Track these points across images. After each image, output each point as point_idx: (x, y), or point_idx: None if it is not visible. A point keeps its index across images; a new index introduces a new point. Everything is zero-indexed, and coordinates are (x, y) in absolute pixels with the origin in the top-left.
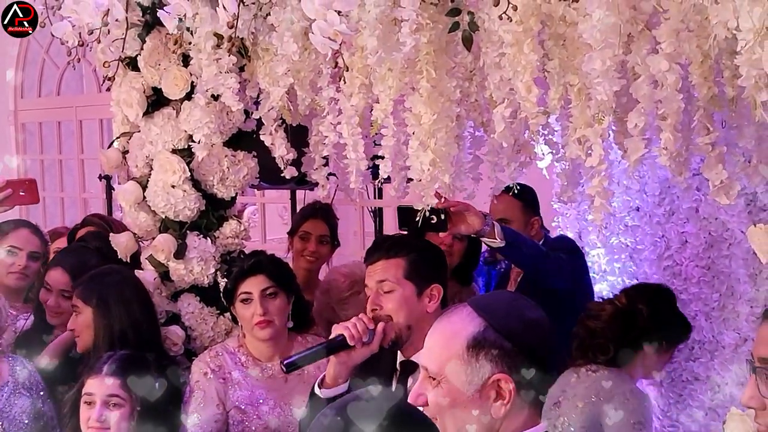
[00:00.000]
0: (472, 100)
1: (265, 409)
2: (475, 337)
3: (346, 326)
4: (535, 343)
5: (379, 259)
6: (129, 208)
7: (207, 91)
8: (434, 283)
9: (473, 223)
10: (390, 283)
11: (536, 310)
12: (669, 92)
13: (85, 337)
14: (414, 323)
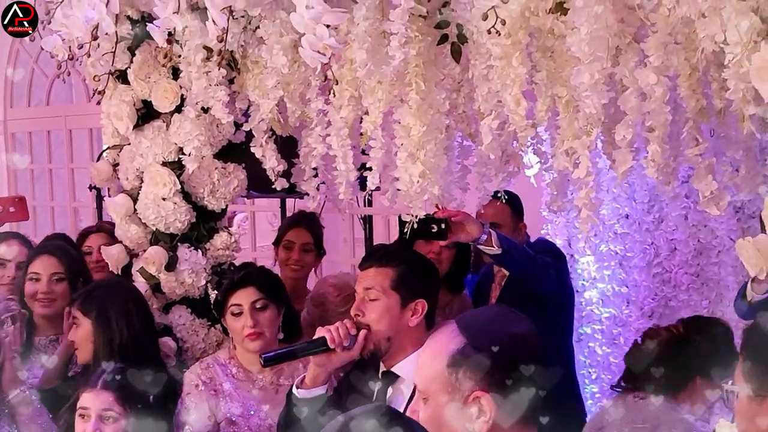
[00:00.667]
0: (460, 111)
1: (256, 421)
2: (453, 355)
3: (328, 329)
4: (518, 359)
5: (370, 267)
6: (120, 221)
7: (197, 104)
8: (420, 297)
9: (472, 232)
10: (376, 291)
11: (521, 324)
12: (657, 105)
13: (85, 350)
14: (394, 335)
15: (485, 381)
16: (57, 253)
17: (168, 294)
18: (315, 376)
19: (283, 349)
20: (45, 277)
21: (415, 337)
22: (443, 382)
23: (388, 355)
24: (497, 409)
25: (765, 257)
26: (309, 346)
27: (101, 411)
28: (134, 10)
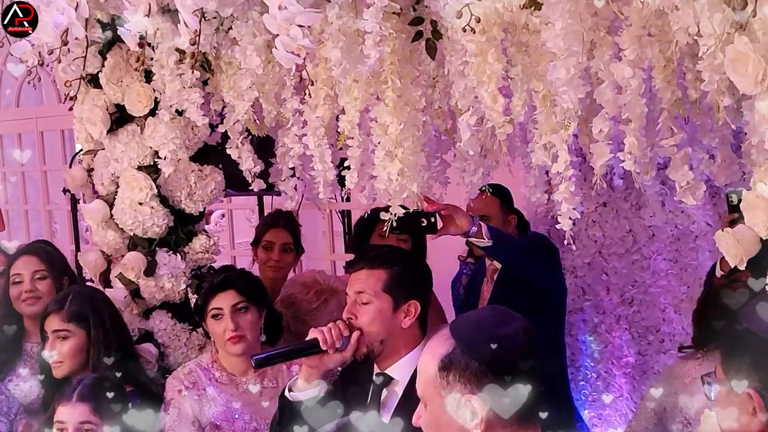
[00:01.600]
0: (437, 107)
1: (241, 425)
2: (442, 360)
3: (321, 330)
4: (506, 359)
5: (362, 268)
6: (96, 227)
7: (171, 107)
8: (413, 299)
9: (462, 225)
10: (367, 294)
11: (511, 324)
12: (632, 97)
13: (71, 364)
14: (387, 337)
15: (474, 383)
16: (37, 252)
17: (148, 299)
18: (307, 377)
19: (275, 351)
20: (27, 276)
21: (409, 338)
22: (437, 386)
23: (382, 357)
24: (489, 410)
25: (744, 247)
26: (301, 348)
27: (78, 423)
28: (104, 14)
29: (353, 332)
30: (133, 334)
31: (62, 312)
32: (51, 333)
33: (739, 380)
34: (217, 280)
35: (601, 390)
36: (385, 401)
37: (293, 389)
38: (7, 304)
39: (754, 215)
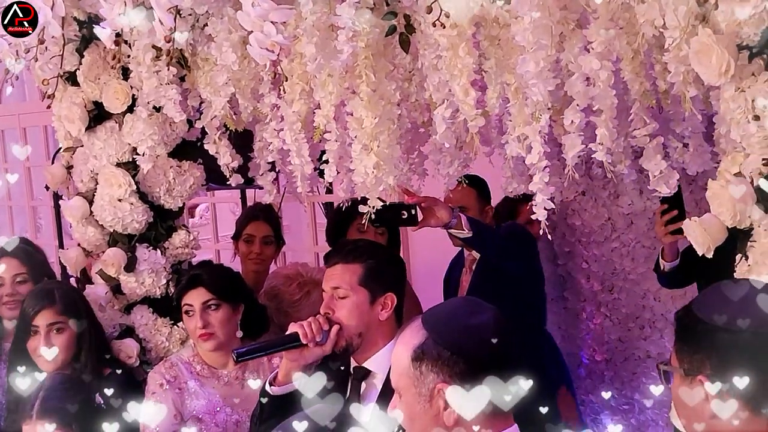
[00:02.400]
0: (413, 100)
1: (223, 417)
2: (415, 350)
3: (301, 324)
4: (477, 348)
5: (337, 263)
6: (77, 224)
7: (148, 104)
8: (389, 291)
9: (442, 216)
10: (344, 289)
11: (482, 315)
12: (602, 89)
13: (65, 355)
14: (365, 330)
15: (446, 373)
16: (19, 255)
17: (129, 295)
18: (287, 371)
19: (255, 345)
20: (8, 279)
21: (386, 330)
22: (410, 377)
23: (360, 350)
24: (462, 400)
25: (711, 235)
26: (281, 342)
27: None
28: (80, 12)
29: (332, 326)
30: (114, 329)
31: (56, 305)
32: (45, 327)
33: (691, 367)
34: (187, 278)
35: (584, 377)
36: (365, 394)
37: (273, 383)
38: None
39: (720, 204)
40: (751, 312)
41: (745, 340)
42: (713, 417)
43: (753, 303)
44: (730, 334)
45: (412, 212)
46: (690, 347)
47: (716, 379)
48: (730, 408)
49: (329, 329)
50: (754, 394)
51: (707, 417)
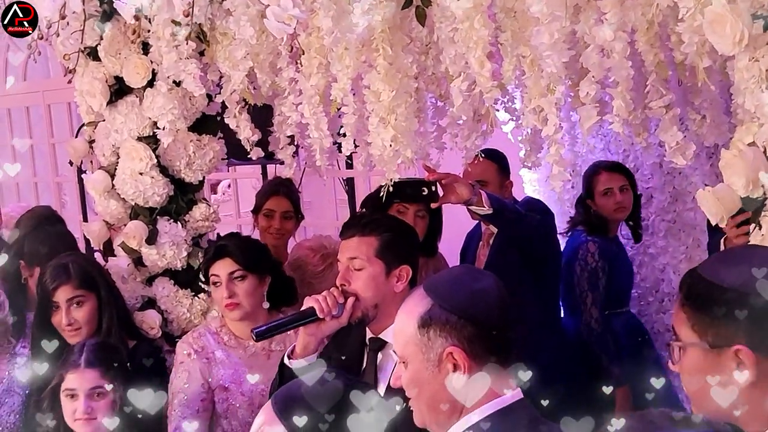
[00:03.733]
0: (430, 74)
1: (248, 386)
2: (422, 317)
3: (316, 299)
4: (483, 312)
5: (353, 236)
6: (99, 197)
7: (168, 78)
8: (404, 263)
9: (462, 193)
10: (360, 260)
11: (484, 280)
12: (617, 60)
13: (88, 328)
14: (381, 302)
15: (455, 337)
16: None
17: (150, 267)
18: (305, 345)
19: (273, 322)
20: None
21: (401, 302)
22: (417, 344)
23: (376, 321)
24: (470, 361)
25: (725, 205)
26: (298, 317)
27: (90, 390)
28: None
29: (348, 299)
30: (136, 301)
31: (72, 280)
32: (65, 302)
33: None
34: (213, 249)
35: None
36: (382, 364)
37: (291, 357)
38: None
39: (732, 173)
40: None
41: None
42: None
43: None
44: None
45: (432, 189)
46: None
47: (756, 347)
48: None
49: (345, 302)
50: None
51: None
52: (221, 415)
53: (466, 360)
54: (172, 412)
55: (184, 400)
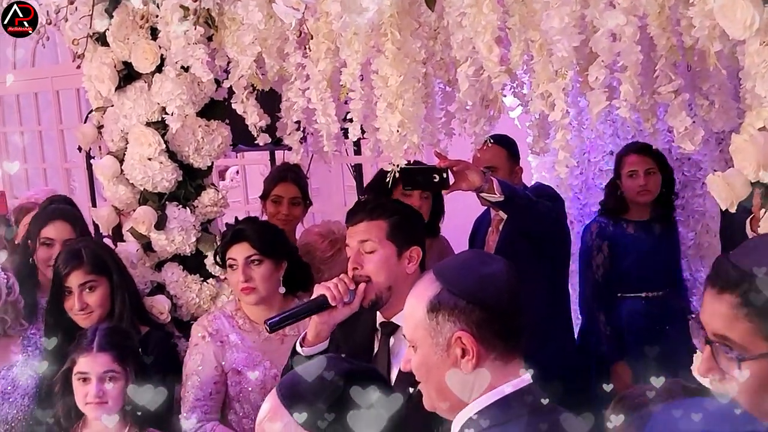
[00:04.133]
0: (438, 59)
1: (261, 370)
2: (431, 301)
3: (327, 286)
4: (492, 296)
5: (361, 221)
6: (108, 182)
7: (177, 63)
8: (414, 245)
9: (474, 180)
10: (372, 243)
11: (494, 264)
12: (627, 45)
13: (100, 312)
14: (394, 284)
15: (464, 321)
16: (70, 219)
17: (159, 252)
18: (317, 333)
19: (286, 313)
20: (58, 242)
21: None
22: (425, 328)
23: (388, 304)
24: (479, 346)
25: (735, 190)
26: (311, 306)
27: (102, 373)
28: None
29: (359, 284)
30: (146, 286)
31: (84, 265)
32: (77, 287)
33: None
34: (231, 232)
35: None
36: (394, 349)
37: (303, 345)
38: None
39: (743, 158)
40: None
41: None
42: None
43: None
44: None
45: (443, 176)
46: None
47: None
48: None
49: (356, 288)
50: None
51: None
52: (234, 398)
53: (474, 345)
54: (185, 394)
55: (198, 383)
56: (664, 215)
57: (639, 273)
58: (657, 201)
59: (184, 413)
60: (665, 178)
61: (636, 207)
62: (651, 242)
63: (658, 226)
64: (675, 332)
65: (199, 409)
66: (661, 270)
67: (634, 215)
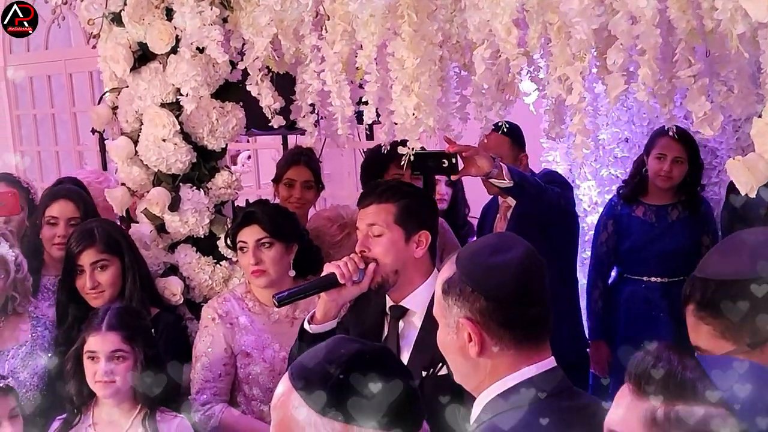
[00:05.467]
0: (454, 42)
1: (270, 353)
2: (445, 282)
3: (337, 264)
4: (495, 286)
5: (371, 203)
6: (122, 164)
7: (192, 44)
8: (423, 229)
9: (483, 166)
10: (379, 227)
11: (509, 253)
12: (647, 27)
13: (112, 291)
14: (401, 267)
15: (467, 308)
16: (74, 198)
17: (172, 234)
18: (326, 311)
19: (295, 288)
20: (62, 221)
21: (422, 269)
22: (441, 308)
23: (396, 288)
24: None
25: (755, 175)
26: (320, 283)
27: (110, 352)
28: None
29: (368, 264)
30: (159, 267)
31: (96, 244)
32: (89, 266)
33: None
34: (242, 215)
35: None
36: (404, 332)
37: (312, 322)
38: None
39: (764, 142)
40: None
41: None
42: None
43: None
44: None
45: (452, 161)
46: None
47: None
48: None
49: (365, 267)
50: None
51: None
52: (243, 380)
53: (478, 334)
54: (195, 376)
55: (207, 364)
56: (685, 204)
57: (638, 256)
58: (680, 189)
59: (194, 394)
60: (694, 170)
61: (655, 190)
62: (658, 228)
63: (675, 213)
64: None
65: (209, 391)
66: (665, 257)
67: (652, 199)
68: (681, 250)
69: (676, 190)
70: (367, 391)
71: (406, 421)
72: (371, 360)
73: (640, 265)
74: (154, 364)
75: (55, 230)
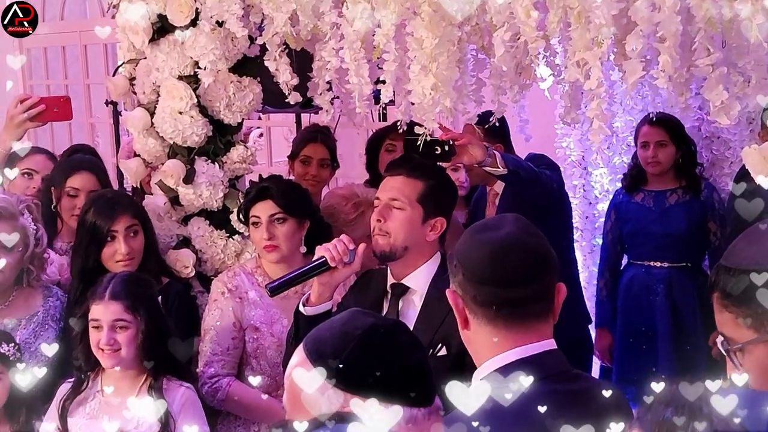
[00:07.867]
0: (473, 24)
1: (279, 328)
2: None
3: (327, 248)
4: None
5: (400, 174)
6: (138, 135)
7: (212, 18)
8: (440, 215)
9: (476, 154)
10: (401, 202)
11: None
12: (667, 14)
13: (139, 258)
14: (411, 246)
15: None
16: (95, 171)
17: (186, 206)
18: (320, 293)
19: (287, 276)
20: (83, 193)
21: (428, 251)
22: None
23: (401, 264)
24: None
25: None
26: (311, 268)
27: (112, 321)
28: None
29: (359, 245)
30: (171, 239)
31: (128, 209)
32: (124, 230)
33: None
34: (256, 190)
35: None
36: (403, 311)
37: (306, 305)
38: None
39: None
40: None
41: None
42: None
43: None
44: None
45: (445, 148)
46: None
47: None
48: None
49: (356, 248)
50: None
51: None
52: (251, 354)
53: (459, 307)
54: (203, 348)
55: (215, 337)
56: (686, 189)
57: (637, 240)
58: (680, 174)
59: (201, 367)
60: (684, 150)
61: (653, 177)
62: (655, 212)
63: (674, 198)
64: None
65: (216, 364)
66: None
67: (652, 185)
68: (681, 234)
69: (676, 174)
70: (380, 365)
71: (419, 394)
72: (385, 333)
73: (640, 249)
74: (159, 333)
75: (75, 201)
